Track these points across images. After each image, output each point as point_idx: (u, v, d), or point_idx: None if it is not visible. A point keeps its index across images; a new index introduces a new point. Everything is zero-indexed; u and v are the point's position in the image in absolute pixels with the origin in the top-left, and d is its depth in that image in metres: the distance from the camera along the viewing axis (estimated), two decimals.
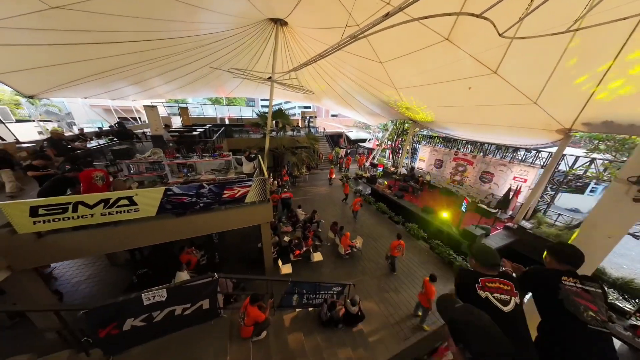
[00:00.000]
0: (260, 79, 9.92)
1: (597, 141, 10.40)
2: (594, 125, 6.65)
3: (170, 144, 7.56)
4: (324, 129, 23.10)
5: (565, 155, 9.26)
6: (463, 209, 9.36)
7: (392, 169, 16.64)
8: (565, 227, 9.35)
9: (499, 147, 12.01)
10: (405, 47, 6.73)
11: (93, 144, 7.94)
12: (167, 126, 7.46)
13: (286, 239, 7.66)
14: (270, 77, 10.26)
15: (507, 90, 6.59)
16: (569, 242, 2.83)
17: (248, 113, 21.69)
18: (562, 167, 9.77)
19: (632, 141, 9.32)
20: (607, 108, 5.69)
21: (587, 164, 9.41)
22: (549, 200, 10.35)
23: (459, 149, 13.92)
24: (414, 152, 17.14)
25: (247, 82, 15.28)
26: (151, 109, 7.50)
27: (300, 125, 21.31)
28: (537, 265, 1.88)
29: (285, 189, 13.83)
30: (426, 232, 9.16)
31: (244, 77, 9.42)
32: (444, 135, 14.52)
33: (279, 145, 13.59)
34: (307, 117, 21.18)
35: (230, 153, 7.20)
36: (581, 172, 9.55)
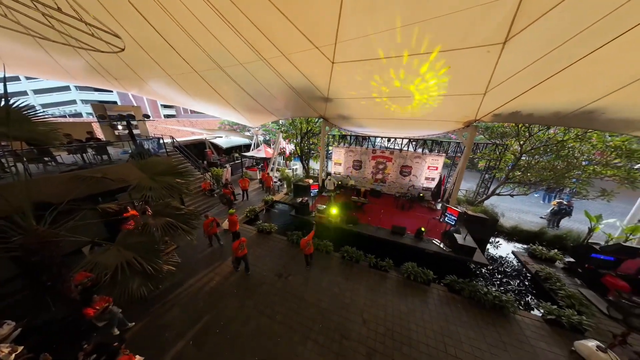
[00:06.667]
0: None
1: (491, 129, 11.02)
2: (502, 116, 6.64)
3: None
4: (172, 137, 13.39)
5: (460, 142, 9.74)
6: (450, 221, 7.97)
7: (310, 181, 12.42)
8: (478, 203, 10.86)
9: (411, 140, 11.88)
10: None
11: None
12: None
13: None
14: None
15: (477, 74, 4.88)
16: None
17: None
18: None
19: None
20: (526, 99, 5.37)
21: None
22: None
23: (375, 147, 13.05)
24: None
25: None
26: None
27: (99, 136, 10.48)
28: None
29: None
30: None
31: None
32: (356, 134, 12.97)
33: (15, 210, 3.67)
34: (117, 115, 11.10)
35: None
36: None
